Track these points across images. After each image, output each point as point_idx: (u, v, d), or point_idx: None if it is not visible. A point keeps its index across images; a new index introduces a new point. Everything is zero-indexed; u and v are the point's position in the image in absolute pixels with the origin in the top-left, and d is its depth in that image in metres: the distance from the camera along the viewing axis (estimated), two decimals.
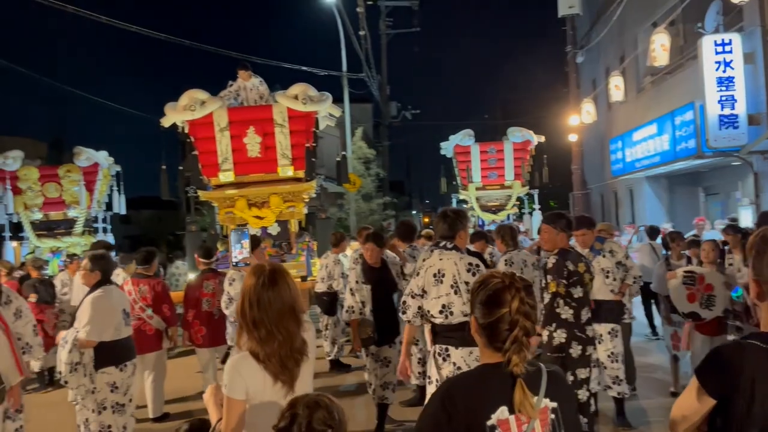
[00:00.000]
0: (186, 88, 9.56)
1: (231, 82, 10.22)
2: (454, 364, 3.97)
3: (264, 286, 2.20)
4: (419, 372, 5.91)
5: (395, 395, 5.53)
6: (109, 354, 4.73)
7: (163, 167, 10.39)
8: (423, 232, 8.57)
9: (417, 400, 5.90)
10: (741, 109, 11.17)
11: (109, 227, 14.11)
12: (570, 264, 4.24)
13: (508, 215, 16.15)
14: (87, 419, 4.80)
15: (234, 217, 9.79)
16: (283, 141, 9.74)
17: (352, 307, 5.48)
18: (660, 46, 11.54)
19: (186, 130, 9.71)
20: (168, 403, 6.53)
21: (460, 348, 3.95)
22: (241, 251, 6.26)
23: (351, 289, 5.52)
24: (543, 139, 16.07)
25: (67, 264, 9.55)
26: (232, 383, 2.15)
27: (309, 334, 2.33)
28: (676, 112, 12.93)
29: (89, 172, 12.97)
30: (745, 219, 11.18)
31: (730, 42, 11.21)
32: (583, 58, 19.02)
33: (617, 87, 15.11)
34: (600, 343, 5.34)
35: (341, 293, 7.66)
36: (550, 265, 4.33)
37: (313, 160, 10.05)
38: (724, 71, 11.21)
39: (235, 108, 9.98)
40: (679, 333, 6.00)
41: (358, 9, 19.03)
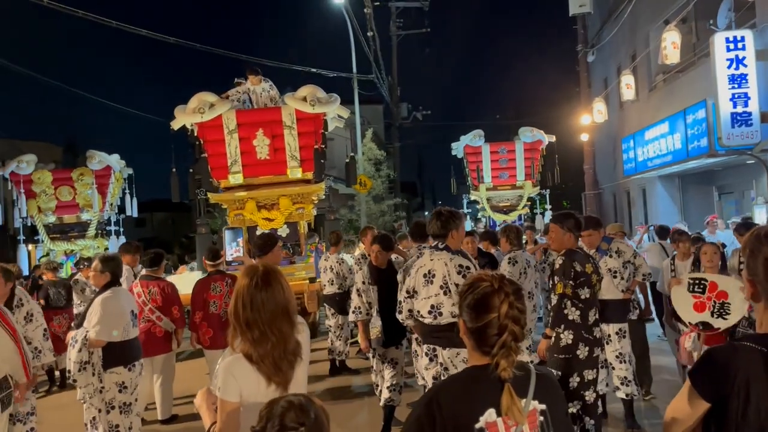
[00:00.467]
0: (198, 90, 9.62)
1: (237, 80, 10.26)
2: (441, 365, 3.98)
3: (257, 287, 2.19)
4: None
5: (402, 397, 5.52)
6: (117, 354, 4.79)
7: (174, 170, 10.47)
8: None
9: None
10: (754, 106, 11.02)
11: (121, 230, 14.24)
12: (577, 265, 4.21)
13: (520, 215, 16.08)
14: (94, 418, 4.86)
15: (244, 219, 9.83)
16: (291, 143, 9.77)
17: (359, 307, 5.48)
18: (671, 44, 11.45)
19: (195, 133, 9.77)
20: (176, 404, 6.56)
21: (448, 349, 3.96)
22: (237, 249, 6.23)
23: (358, 289, 5.53)
24: (554, 138, 16.00)
25: (80, 269, 9.62)
26: (226, 385, 2.14)
27: (303, 335, 2.31)
28: (688, 110, 12.80)
29: (102, 176, 13.12)
30: (760, 218, 11.04)
31: (743, 39, 11.07)
32: (595, 57, 18.91)
33: (628, 86, 15.01)
34: (608, 343, 5.31)
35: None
36: (557, 265, 4.30)
37: (322, 161, 10.08)
38: (737, 68, 11.07)
39: (243, 110, 10.02)
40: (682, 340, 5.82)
41: (366, 10, 19.04)
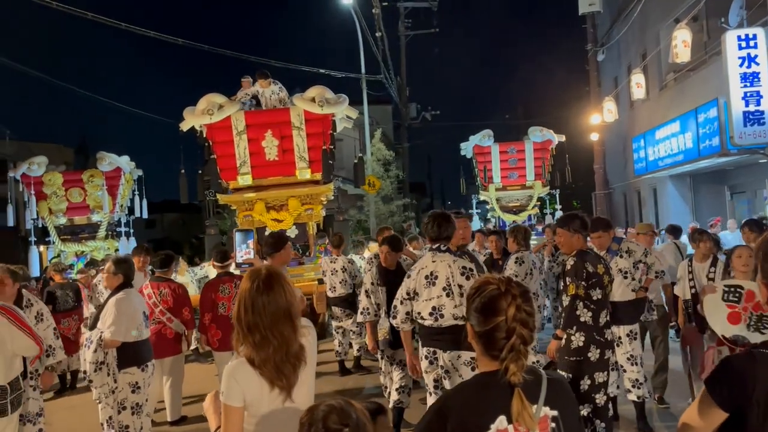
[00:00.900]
0: (207, 91, 9.65)
1: (245, 78, 10.30)
2: (442, 368, 3.95)
3: (258, 290, 2.17)
4: None
5: (411, 399, 5.49)
6: (132, 354, 4.83)
7: (182, 171, 10.50)
8: None
9: None
10: (766, 105, 10.91)
11: (131, 231, 14.31)
12: (589, 266, 4.17)
13: (529, 215, 16.02)
14: (110, 417, 4.90)
15: (252, 221, 9.84)
16: (300, 144, 9.77)
17: (368, 308, 5.47)
18: (682, 43, 11.35)
19: (204, 134, 9.79)
20: (186, 405, 6.57)
21: (449, 352, 3.94)
22: (248, 251, 6.23)
23: (366, 290, 5.51)
24: (564, 138, 15.92)
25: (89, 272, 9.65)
26: (229, 390, 2.13)
27: (308, 339, 2.28)
28: (700, 109, 12.70)
29: (112, 177, 13.20)
30: None
31: (755, 37, 10.96)
32: (604, 56, 18.80)
33: (639, 85, 14.91)
34: (619, 345, 5.25)
35: None
36: (568, 267, 4.25)
37: (331, 162, 10.07)
38: (749, 67, 10.96)
39: (252, 111, 10.04)
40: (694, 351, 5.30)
41: (374, 10, 19.03)
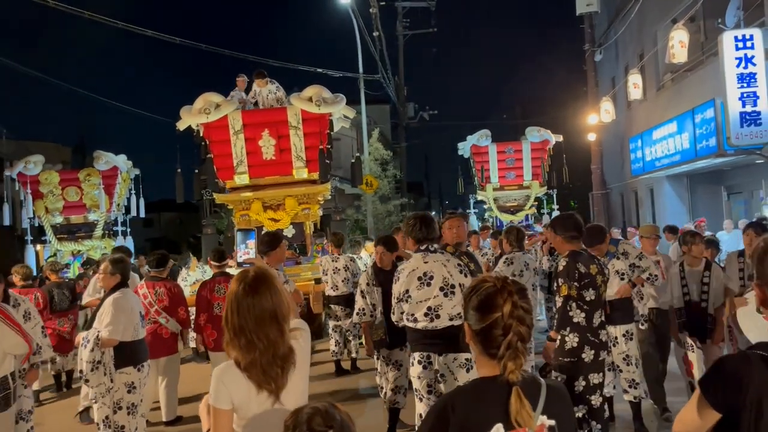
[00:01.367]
0: (204, 90, 9.63)
1: (239, 76, 10.30)
2: (437, 372, 3.87)
3: (244, 292, 2.16)
4: None
5: (407, 399, 5.48)
6: (128, 354, 4.82)
7: (179, 170, 10.48)
8: None
9: None
10: (763, 105, 10.91)
11: (128, 230, 14.29)
12: (581, 266, 4.12)
13: (527, 215, 16.03)
14: (107, 417, 4.87)
15: (249, 220, 9.83)
16: (297, 143, 9.76)
17: (363, 309, 5.47)
18: (679, 43, 11.35)
19: (201, 134, 9.78)
20: (181, 405, 6.56)
21: (444, 355, 3.86)
22: (246, 251, 6.24)
23: (362, 291, 5.50)
24: (561, 138, 15.94)
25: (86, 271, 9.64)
26: (217, 393, 2.13)
27: (300, 342, 2.27)
28: (697, 109, 12.71)
29: (108, 176, 13.18)
30: None
31: (752, 37, 10.97)
32: (602, 57, 18.82)
33: (636, 85, 14.92)
34: (615, 346, 5.25)
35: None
36: (560, 267, 4.22)
37: (328, 162, 10.06)
38: (746, 67, 10.97)
39: (249, 111, 10.03)
40: (690, 357, 5.27)
41: (372, 10, 19.01)
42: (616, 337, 5.25)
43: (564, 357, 4.15)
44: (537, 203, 16.45)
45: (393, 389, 5.35)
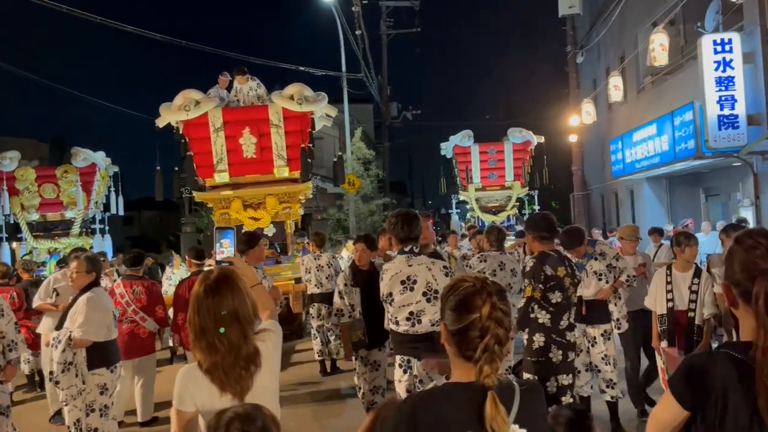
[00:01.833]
0: (186, 88, 9.54)
1: (222, 75, 10.22)
2: (416, 377, 3.80)
3: (205, 293, 2.12)
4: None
5: (385, 399, 5.46)
6: (101, 355, 4.73)
7: (158, 168, 10.36)
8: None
9: None
10: (741, 109, 11.06)
11: (106, 228, 14.10)
12: (548, 268, 4.08)
13: (508, 216, 16.10)
14: (78, 419, 4.77)
15: (229, 219, 9.75)
16: (278, 141, 9.71)
17: (341, 310, 5.42)
18: (659, 46, 11.47)
19: (180, 131, 9.68)
20: (158, 406, 6.47)
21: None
22: (221, 251, 6.12)
23: (340, 291, 5.46)
24: (543, 139, 16.05)
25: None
26: (180, 395, 2.10)
27: (268, 344, 2.23)
28: (676, 112, 12.84)
29: (86, 173, 12.99)
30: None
31: (730, 41, 11.11)
32: (584, 58, 18.95)
33: (616, 87, 15.05)
34: (593, 345, 5.27)
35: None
36: (527, 268, 4.21)
37: (309, 160, 10.02)
38: (724, 71, 11.10)
39: (230, 108, 9.95)
40: (659, 363, 5.06)
41: (354, 8, 18.99)
42: (595, 337, 5.27)
43: (532, 356, 4.15)
44: (519, 204, 16.54)
45: (371, 390, 5.32)
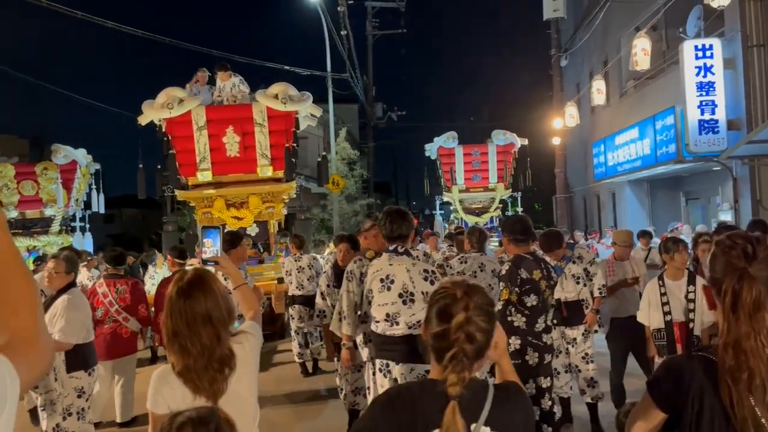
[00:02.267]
0: (170, 85, 9.47)
1: (200, 70, 10.16)
2: (395, 381, 3.71)
3: (177, 295, 2.10)
4: None
5: (367, 401, 5.46)
6: (80, 357, 4.67)
7: (140, 166, 10.27)
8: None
9: None
10: (721, 114, 11.21)
11: (87, 226, 13.94)
12: (523, 272, 4.08)
13: (491, 217, 16.18)
14: (57, 425, 4.68)
15: (212, 218, 9.69)
16: (262, 141, 9.67)
17: (324, 311, 5.41)
18: (641, 51, 11.60)
19: (163, 129, 9.60)
20: (138, 406, 6.40)
21: (401, 364, 3.70)
22: (203, 251, 6.07)
23: (322, 293, 5.45)
24: (527, 142, 16.15)
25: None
26: (153, 397, 2.08)
27: (245, 345, 2.21)
28: (657, 116, 12.98)
29: (67, 170, 12.83)
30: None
31: (711, 47, 11.25)
32: (567, 62, 19.11)
33: (599, 91, 15.20)
34: (573, 346, 5.31)
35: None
36: (503, 272, 4.20)
37: (293, 160, 9.99)
38: (705, 76, 11.25)
39: (213, 107, 9.88)
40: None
41: (340, 8, 18.97)
42: (575, 338, 5.31)
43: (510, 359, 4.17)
44: (502, 205, 16.63)
45: (353, 391, 5.32)
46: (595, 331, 5.57)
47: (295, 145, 9.99)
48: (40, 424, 4.76)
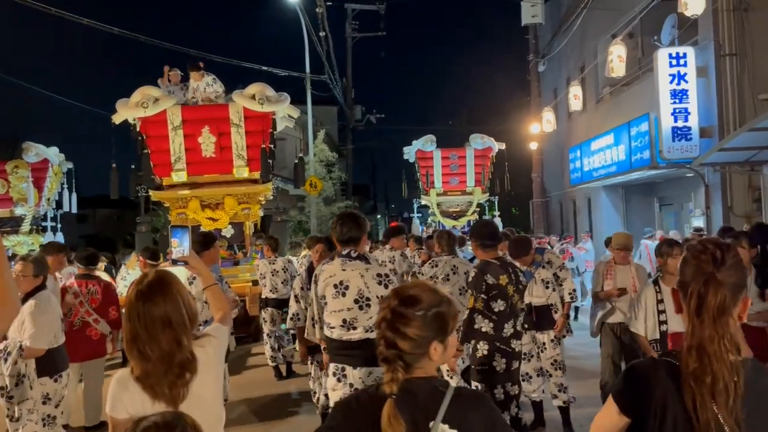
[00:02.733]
0: (146, 83, 9.36)
1: (172, 70, 10.07)
2: (351, 386, 3.65)
3: (137, 298, 2.06)
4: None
5: None
6: (50, 362, 4.55)
7: (114, 165, 10.13)
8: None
9: None
10: (694, 121, 11.38)
11: (59, 226, 13.71)
12: (489, 277, 4.09)
13: (469, 221, 16.23)
14: None
15: (186, 219, 9.58)
16: (239, 141, 9.59)
17: (297, 314, 5.36)
18: (617, 57, 11.73)
19: (138, 128, 9.47)
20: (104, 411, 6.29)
21: (359, 368, 3.65)
22: (170, 250, 6.05)
23: (296, 295, 5.41)
24: (504, 146, 16.23)
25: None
26: (112, 402, 2.04)
27: (207, 349, 2.17)
28: (632, 122, 13.13)
29: (38, 169, 12.61)
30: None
31: (685, 55, 11.42)
32: (545, 67, 19.28)
33: (576, 96, 15.34)
34: (543, 351, 5.34)
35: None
36: (470, 278, 4.22)
37: (270, 161, 9.92)
38: (678, 84, 11.41)
39: (189, 106, 9.78)
40: None
41: (318, 9, 18.93)
42: (544, 343, 5.34)
43: (476, 365, 4.17)
44: (479, 209, 16.70)
45: (326, 394, 5.26)
46: (564, 336, 5.60)
47: (272, 146, 9.92)
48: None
